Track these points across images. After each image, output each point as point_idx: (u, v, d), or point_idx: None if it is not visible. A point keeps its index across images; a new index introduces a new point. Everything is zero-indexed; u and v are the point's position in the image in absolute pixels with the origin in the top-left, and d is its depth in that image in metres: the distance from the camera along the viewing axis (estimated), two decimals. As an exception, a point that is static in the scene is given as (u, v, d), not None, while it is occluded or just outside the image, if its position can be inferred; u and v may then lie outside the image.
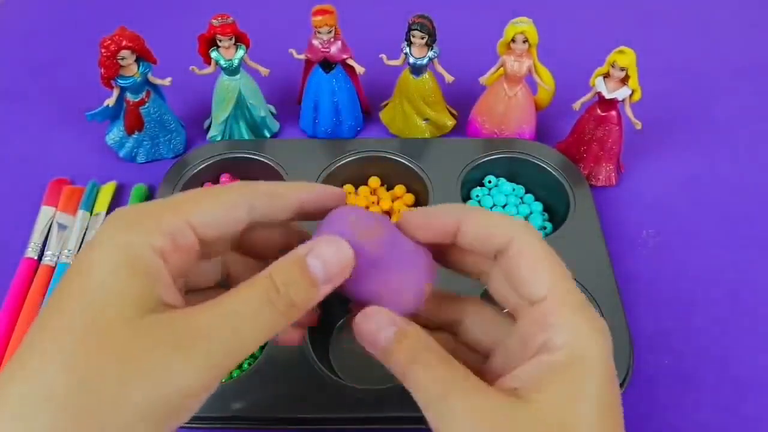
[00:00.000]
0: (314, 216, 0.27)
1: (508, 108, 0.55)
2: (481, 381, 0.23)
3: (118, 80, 0.52)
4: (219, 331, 0.20)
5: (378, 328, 0.24)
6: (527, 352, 0.24)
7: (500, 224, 0.25)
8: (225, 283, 0.28)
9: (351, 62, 0.55)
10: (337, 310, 0.47)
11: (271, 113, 0.61)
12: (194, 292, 0.27)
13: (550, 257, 0.24)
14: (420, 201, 0.53)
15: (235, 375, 0.43)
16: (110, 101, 0.53)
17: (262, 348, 0.44)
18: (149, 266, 0.21)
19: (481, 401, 0.22)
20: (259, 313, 0.21)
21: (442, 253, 0.28)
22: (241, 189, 0.25)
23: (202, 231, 0.23)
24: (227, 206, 0.24)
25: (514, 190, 0.54)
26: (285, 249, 0.24)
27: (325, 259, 0.23)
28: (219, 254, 0.27)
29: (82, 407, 0.19)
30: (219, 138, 0.58)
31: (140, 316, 0.20)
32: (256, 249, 0.28)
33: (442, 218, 0.26)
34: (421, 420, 0.37)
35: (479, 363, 0.27)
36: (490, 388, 0.23)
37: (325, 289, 0.23)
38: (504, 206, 0.53)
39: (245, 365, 0.44)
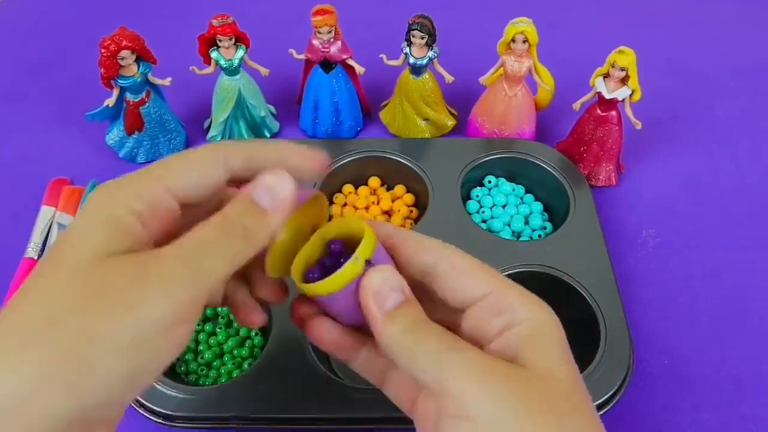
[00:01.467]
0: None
1: (508, 108, 0.55)
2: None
3: (118, 80, 0.52)
4: (185, 260, 0.22)
5: (388, 289, 0.25)
6: (486, 340, 0.26)
7: (427, 245, 0.27)
8: None
9: (351, 62, 0.55)
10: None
11: (271, 113, 0.61)
12: None
13: (480, 264, 0.27)
14: (420, 201, 0.53)
15: (235, 375, 0.43)
16: (110, 101, 0.53)
17: (262, 348, 0.44)
18: (125, 223, 0.22)
19: (487, 359, 0.24)
20: (219, 240, 0.23)
21: None
22: (213, 149, 0.25)
23: (182, 194, 0.24)
24: (202, 166, 0.25)
25: (514, 190, 0.54)
26: None
27: (271, 190, 0.25)
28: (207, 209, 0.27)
29: (56, 343, 0.20)
30: (219, 138, 0.58)
31: (109, 256, 0.21)
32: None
33: (386, 240, 0.28)
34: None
35: None
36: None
37: (276, 217, 0.25)
38: (504, 206, 0.53)
39: (245, 365, 0.44)
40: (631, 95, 0.51)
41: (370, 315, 0.25)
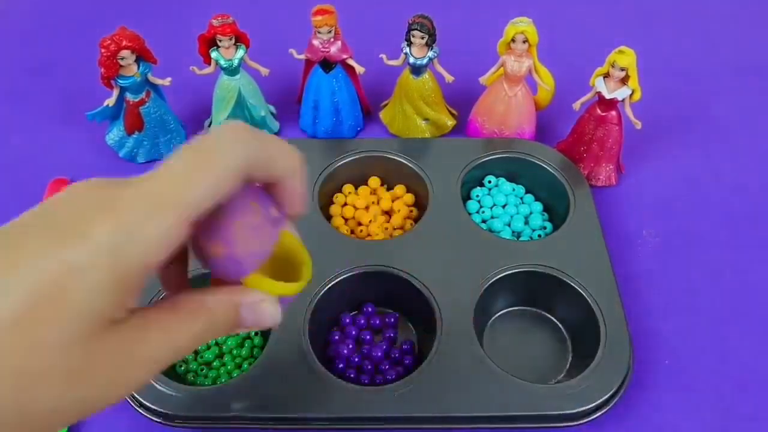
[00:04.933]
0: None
1: (508, 108, 0.55)
2: None
3: (118, 80, 0.52)
4: (164, 356, 0.23)
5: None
6: None
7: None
8: None
9: (351, 62, 0.55)
10: (336, 309, 0.47)
11: (271, 113, 0.61)
12: None
13: None
14: (420, 201, 0.53)
15: (235, 375, 0.43)
16: (110, 101, 0.53)
17: (261, 348, 0.44)
18: (135, 284, 0.21)
19: None
20: (195, 340, 0.24)
21: None
22: (235, 159, 0.23)
23: (199, 215, 0.23)
24: (225, 183, 0.23)
25: (514, 190, 0.54)
26: None
27: (257, 318, 0.26)
28: None
29: None
30: (219, 138, 0.57)
31: (107, 327, 0.21)
32: None
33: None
34: (420, 420, 0.37)
35: None
36: None
37: (244, 331, 0.26)
38: (504, 206, 0.53)
39: (245, 365, 0.44)
40: (631, 95, 0.51)
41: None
